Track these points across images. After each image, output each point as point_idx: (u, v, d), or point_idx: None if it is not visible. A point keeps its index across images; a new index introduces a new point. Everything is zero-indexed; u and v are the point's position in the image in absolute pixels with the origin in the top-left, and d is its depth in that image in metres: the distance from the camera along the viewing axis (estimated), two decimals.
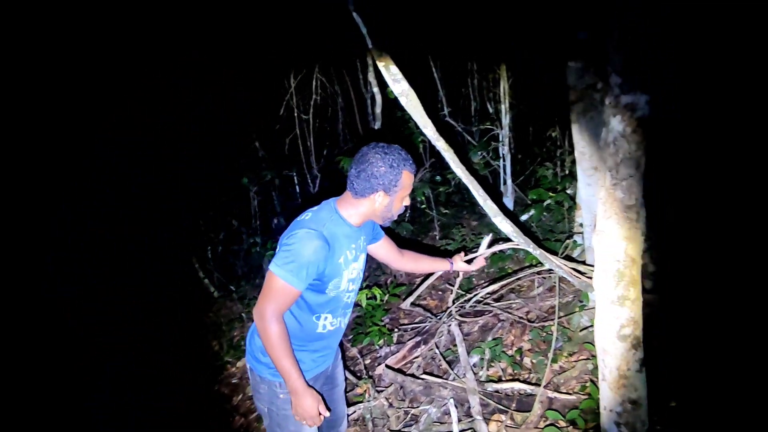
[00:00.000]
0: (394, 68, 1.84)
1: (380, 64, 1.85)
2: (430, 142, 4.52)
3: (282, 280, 1.37)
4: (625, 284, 1.23)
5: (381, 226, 1.72)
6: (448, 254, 2.00)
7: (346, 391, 2.10)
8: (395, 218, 1.58)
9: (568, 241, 2.67)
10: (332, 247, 1.42)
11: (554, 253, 2.21)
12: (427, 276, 3.31)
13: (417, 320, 3.34)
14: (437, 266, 1.99)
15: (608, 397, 1.35)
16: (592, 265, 2.24)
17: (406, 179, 1.49)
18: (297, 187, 5.18)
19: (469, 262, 2.01)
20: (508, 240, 2.15)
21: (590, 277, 1.99)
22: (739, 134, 2.18)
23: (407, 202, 1.58)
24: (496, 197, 4.43)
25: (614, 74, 1.15)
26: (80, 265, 5.29)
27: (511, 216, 3.68)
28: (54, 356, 3.92)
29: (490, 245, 2.00)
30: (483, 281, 3.56)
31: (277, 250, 1.46)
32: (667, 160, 2.34)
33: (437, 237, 4.61)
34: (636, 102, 1.13)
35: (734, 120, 2.21)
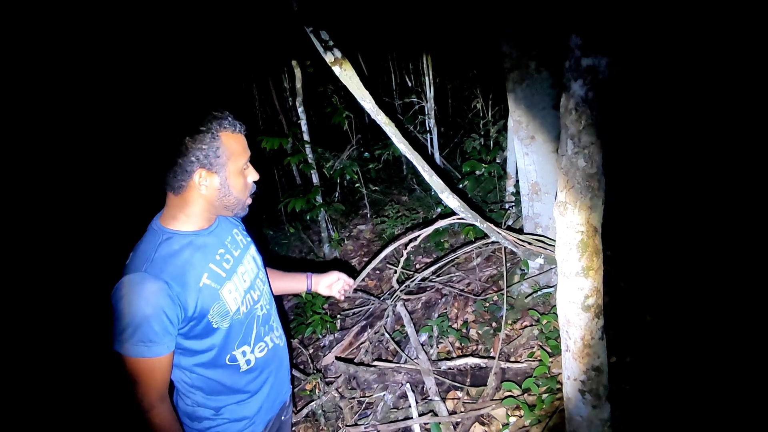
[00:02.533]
0: (324, 33, 1.66)
1: (308, 29, 1.65)
2: (353, 118, 4.38)
3: (131, 357, 1.00)
4: (588, 255, 1.21)
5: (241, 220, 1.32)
6: (311, 268, 1.66)
7: (293, 392, 1.95)
8: (248, 202, 1.18)
9: (509, 211, 2.69)
10: (176, 279, 1.04)
11: (497, 224, 2.20)
12: (370, 260, 3.20)
13: (357, 303, 3.24)
14: (294, 286, 1.57)
15: (572, 367, 1.35)
16: (531, 234, 2.27)
17: (232, 142, 1.09)
18: None
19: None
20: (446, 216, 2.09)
21: (544, 247, 2.01)
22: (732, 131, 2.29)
23: (254, 175, 1.17)
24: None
25: (574, 35, 1.09)
26: (80, 264, 4.63)
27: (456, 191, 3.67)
28: (54, 356, 3.45)
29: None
30: (420, 255, 3.55)
31: None
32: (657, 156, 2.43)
33: (368, 215, 4.52)
34: (597, 64, 1.08)
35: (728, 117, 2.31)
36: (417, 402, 1.96)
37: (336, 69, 1.69)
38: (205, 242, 1.14)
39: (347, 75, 1.70)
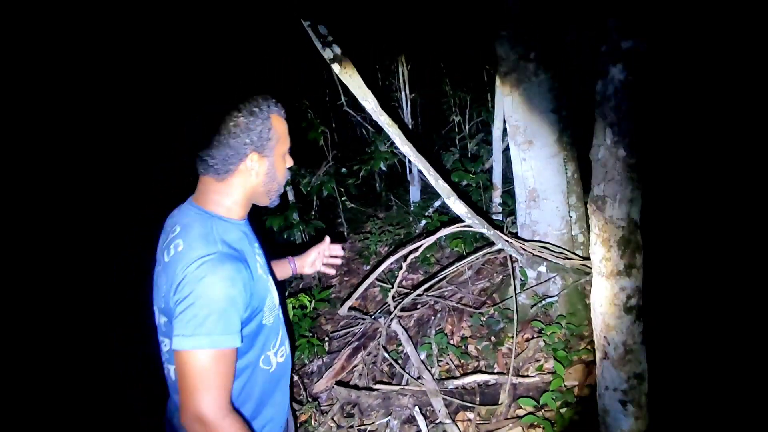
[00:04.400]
0: (323, 29, 1.55)
1: (306, 24, 1.54)
2: (329, 133, 4.26)
3: (208, 350, 0.89)
4: (630, 251, 1.13)
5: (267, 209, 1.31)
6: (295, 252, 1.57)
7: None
8: (282, 188, 1.14)
9: (508, 219, 2.63)
10: (244, 261, 0.99)
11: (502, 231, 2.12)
12: (364, 278, 3.06)
13: (342, 325, 3.06)
14: (280, 273, 1.48)
15: (611, 376, 1.26)
16: (531, 240, 2.21)
17: (279, 125, 1.06)
18: None
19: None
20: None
21: (552, 253, 1.94)
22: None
23: (290, 162, 1.14)
24: (405, 185, 4.34)
25: (611, 18, 1.03)
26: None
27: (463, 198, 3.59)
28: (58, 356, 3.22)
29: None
30: (406, 272, 3.42)
31: (167, 316, 0.97)
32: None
33: (345, 232, 4.37)
34: (636, 48, 1.03)
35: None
36: (427, 427, 1.81)
37: (335, 67, 1.58)
38: (244, 232, 1.08)
39: (347, 73, 1.59)
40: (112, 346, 3.01)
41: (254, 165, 1.02)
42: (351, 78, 1.58)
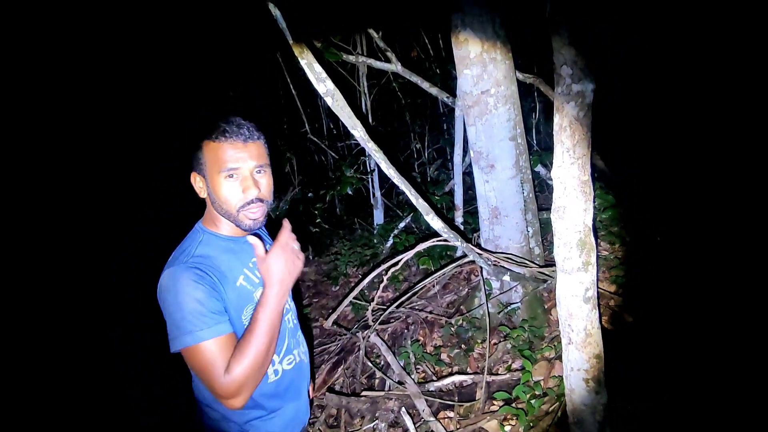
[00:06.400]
0: (318, 67, 1.75)
1: (303, 62, 1.73)
2: (296, 159, 4.41)
3: (193, 346, 1.00)
4: (587, 251, 1.39)
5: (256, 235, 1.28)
6: None
7: None
8: (245, 217, 1.13)
9: (475, 234, 2.88)
10: (214, 271, 1.07)
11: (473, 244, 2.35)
12: (334, 298, 3.19)
13: (316, 343, 3.16)
14: None
15: (575, 358, 1.49)
16: (496, 252, 2.46)
17: (211, 150, 1.10)
18: None
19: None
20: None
21: (517, 263, 2.18)
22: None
23: (245, 187, 1.11)
24: (368, 208, 4.54)
25: (565, 66, 1.31)
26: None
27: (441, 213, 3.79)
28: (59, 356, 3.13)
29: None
30: (375, 290, 3.58)
31: None
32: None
33: (311, 257, 4.49)
34: (585, 90, 1.31)
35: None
36: (414, 426, 1.96)
37: (329, 100, 1.78)
38: (241, 248, 1.19)
39: (339, 105, 1.80)
40: (112, 346, 2.93)
41: (197, 183, 1.16)
42: (342, 109, 1.78)
